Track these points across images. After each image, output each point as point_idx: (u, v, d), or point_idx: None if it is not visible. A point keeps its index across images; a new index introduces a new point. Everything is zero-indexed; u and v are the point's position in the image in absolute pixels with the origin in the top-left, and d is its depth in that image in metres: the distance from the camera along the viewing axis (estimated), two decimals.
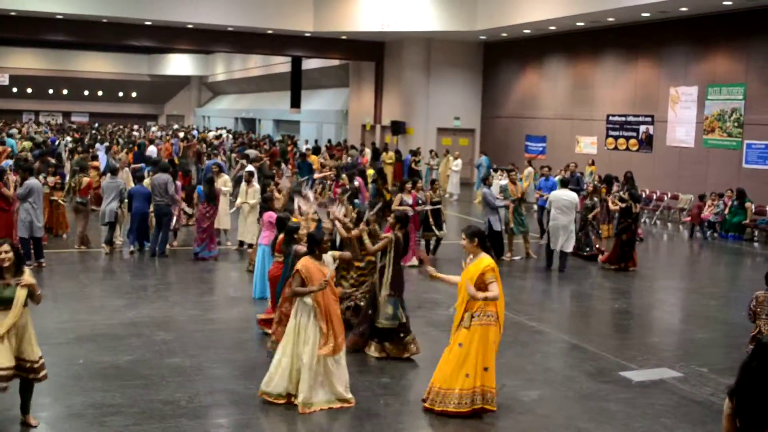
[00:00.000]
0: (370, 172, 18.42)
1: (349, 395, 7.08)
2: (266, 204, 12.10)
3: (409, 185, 14.09)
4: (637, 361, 8.78)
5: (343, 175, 15.93)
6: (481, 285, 6.74)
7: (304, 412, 6.83)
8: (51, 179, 15.27)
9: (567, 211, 13.66)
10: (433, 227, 14.26)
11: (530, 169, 25.63)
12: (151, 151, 25.62)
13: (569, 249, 13.85)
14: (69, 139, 30.68)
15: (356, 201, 11.89)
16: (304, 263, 7.10)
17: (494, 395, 6.88)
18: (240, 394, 7.33)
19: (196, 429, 6.51)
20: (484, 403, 6.83)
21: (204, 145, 29.83)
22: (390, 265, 8.49)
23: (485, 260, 6.86)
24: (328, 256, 7.27)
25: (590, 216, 15.10)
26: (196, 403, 7.04)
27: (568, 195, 13.80)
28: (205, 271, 13.11)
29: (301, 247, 7.93)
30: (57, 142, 28.73)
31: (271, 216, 10.93)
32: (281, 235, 8.92)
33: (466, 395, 6.76)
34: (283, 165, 19.41)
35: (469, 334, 6.75)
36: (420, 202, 13.89)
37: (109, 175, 14.94)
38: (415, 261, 13.49)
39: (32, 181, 12.71)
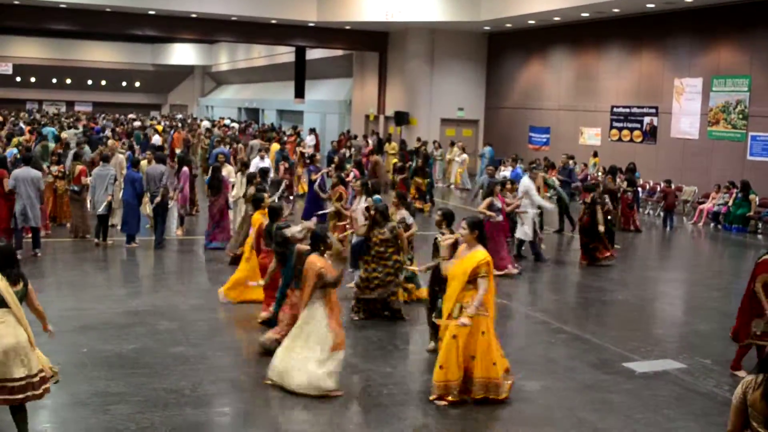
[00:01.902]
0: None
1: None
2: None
3: (498, 188, 12.76)
4: (640, 352, 8.78)
5: (348, 165, 15.94)
6: (473, 278, 6.78)
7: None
8: (54, 168, 15.25)
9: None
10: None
11: (465, 156, 25.54)
12: (156, 140, 25.62)
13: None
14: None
15: (377, 197, 11.49)
16: (323, 264, 7.08)
17: (499, 384, 6.87)
18: (243, 383, 7.37)
19: (200, 417, 6.54)
20: (486, 393, 6.85)
21: (204, 135, 29.66)
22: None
23: (481, 253, 6.89)
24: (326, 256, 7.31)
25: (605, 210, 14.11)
26: (200, 392, 7.07)
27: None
28: (208, 261, 13.13)
29: (303, 247, 7.86)
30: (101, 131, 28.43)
31: None
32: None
33: (452, 386, 6.80)
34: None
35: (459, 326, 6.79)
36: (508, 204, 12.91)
37: (101, 162, 14.36)
38: (513, 270, 12.43)
39: (17, 171, 12.55)
